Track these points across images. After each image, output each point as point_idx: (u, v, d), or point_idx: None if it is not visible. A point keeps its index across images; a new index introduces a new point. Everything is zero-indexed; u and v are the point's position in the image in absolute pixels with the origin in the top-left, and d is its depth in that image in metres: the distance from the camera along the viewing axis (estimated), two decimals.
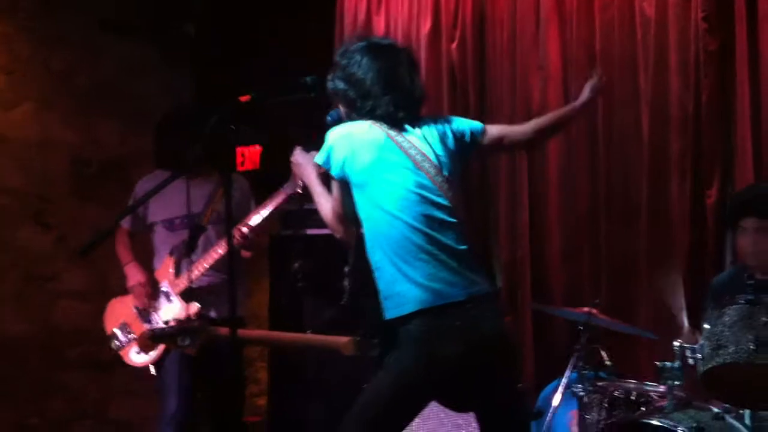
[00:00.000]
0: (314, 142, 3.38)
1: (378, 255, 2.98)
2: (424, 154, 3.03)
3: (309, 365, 4.35)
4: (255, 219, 4.08)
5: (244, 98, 3.32)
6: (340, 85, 3.14)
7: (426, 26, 5.21)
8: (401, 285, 2.91)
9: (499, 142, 3.31)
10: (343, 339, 3.41)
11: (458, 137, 3.17)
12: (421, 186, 2.99)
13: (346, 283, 3.11)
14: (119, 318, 4.34)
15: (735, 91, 4.40)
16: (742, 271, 3.85)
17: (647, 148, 4.63)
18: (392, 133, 3.04)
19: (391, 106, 3.06)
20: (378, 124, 3.05)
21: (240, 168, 5.48)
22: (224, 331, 3.43)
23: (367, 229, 3.01)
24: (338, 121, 3.22)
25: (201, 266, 4.13)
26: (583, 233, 4.82)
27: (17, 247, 5.52)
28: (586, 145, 4.83)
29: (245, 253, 4.20)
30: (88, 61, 5.78)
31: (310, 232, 4.27)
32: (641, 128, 4.66)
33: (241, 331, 3.49)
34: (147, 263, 4.40)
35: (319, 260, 3.80)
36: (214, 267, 4.13)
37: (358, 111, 3.10)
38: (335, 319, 3.55)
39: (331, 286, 4.07)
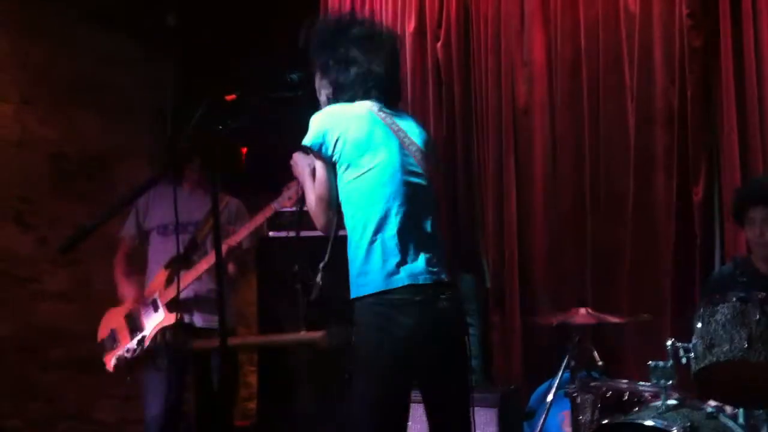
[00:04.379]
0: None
1: (358, 232, 3.01)
2: (410, 138, 3.09)
3: (299, 368, 4.33)
4: (239, 235, 4.15)
5: (230, 97, 3.28)
6: (328, 66, 3.13)
7: (411, 25, 5.19)
8: (376, 264, 2.95)
9: None
10: (317, 333, 3.42)
11: (432, 142, 3.26)
12: (407, 165, 3.04)
13: (318, 279, 3.14)
14: (110, 327, 4.37)
15: (720, 87, 4.43)
16: (739, 267, 3.86)
17: (633, 144, 4.65)
18: (381, 113, 3.08)
19: (380, 87, 3.10)
20: (367, 103, 3.08)
21: None
22: (205, 344, 3.47)
23: (351, 208, 3.04)
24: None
25: (188, 278, 4.17)
26: (570, 231, 4.82)
27: None
28: (572, 142, 4.83)
29: (231, 268, 4.29)
30: (69, 54, 5.67)
31: (305, 233, 4.25)
32: (627, 124, 4.68)
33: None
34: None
35: (312, 262, 3.77)
36: (200, 278, 4.18)
37: (345, 91, 3.11)
38: (328, 319, 3.54)
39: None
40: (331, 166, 3.06)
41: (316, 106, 3.22)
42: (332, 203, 3.08)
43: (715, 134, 4.46)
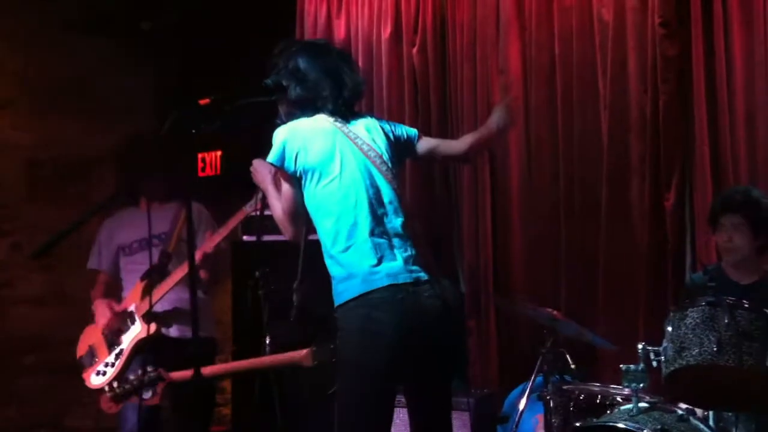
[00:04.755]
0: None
1: (330, 242, 3.06)
2: (368, 144, 3.15)
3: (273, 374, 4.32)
4: (214, 240, 4.16)
5: (203, 101, 3.30)
6: (284, 81, 3.20)
7: (387, 31, 5.21)
8: (354, 269, 3.00)
9: (431, 152, 3.44)
10: (302, 352, 3.45)
11: (397, 136, 3.31)
12: (370, 172, 3.11)
13: (294, 298, 3.18)
14: (89, 343, 4.37)
15: (692, 96, 4.47)
16: (709, 274, 3.91)
17: (606, 152, 4.68)
18: (338, 123, 3.16)
19: (334, 100, 3.18)
20: (323, 116, 3.17)
21: (200, 173, 5.46)
22: (185, 374, 3.55)
23: (320, 218, 3.09)
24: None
25: (161, 290, 4.18)
26: (544, 237, 4.85)
27: None
28: (546, 149, 4.87)
29: (203, 274, 4.26)
30: (45, 60, 5.66)
31: (270, 238, 4.26)
32: (600, 132, 4.71)
33: (202, 370, 3.52)
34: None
35: (280, 266, 3.79)
36: (177, 289, 4.19)
37: (302, 106, 3.19)
38: (296, 328, 3.55)
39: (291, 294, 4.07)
40: (295, 180, 3.13)
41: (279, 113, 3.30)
42: (298, 216, 3.15)
43: (687, 141, 4.51)
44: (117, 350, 4.20)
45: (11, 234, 5.56)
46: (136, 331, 4.18)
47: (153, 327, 4.14)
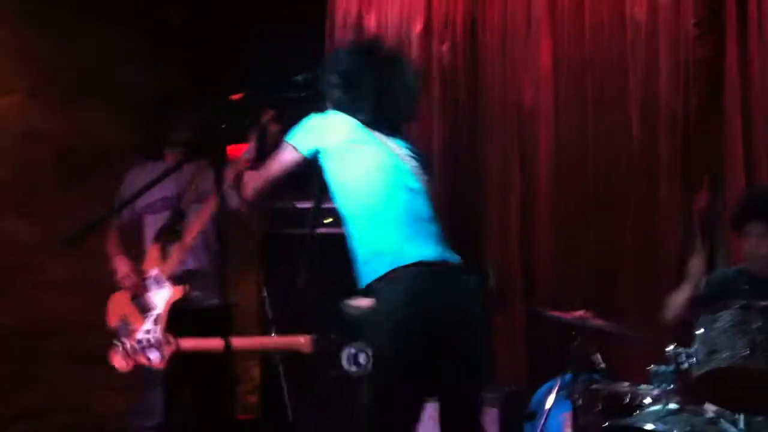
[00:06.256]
0: None
1: (356, 222, 3.06)
2: (395, 143, 3.15)
3: (302, 362, 4.34)
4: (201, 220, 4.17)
5: (236, 96, 3.32)
6: (333, 80, 3.20)
7: (418, 27, 5.21)
8: (381, 246, 2.99)
9: None
10: (302, 338, 3.48)
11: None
12: (396, 161, 3.10)
13: (298, 285, 3.19)
14: (120, 312, 4.35)
15: (725, 96, 4.46)
16: (742, 275, 3.90)
17: (637, 151, 4.68)
18: (367, 126, 3.14)
19: (375, 111, 3.15)
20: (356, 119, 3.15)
21: None
22: (194, 344, 3.52)
23: (344, 200, 3.09)
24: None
25: (181, 248, 4.18)
26: (573, 235, 4.85)
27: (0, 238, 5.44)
28: (576, 147, 4.86)
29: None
30: (77, 48, 5.69)
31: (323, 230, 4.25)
32: (631, 131, 4.71)
33: (206, 341, 3.56)
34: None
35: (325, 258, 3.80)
36: (196, 251, 4.19)
37: (342, 109, 3.17)
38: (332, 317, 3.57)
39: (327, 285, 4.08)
40: (303, 161, 3.12)
41: (321, 107, 3.27)
42: (270, 189, 3.17)
43: (719, 143, 4.50)
44: (153, 316, 4.18)
45: (41, 220, 5.58)
46: (167, 294, 4.17)
47: (183, 288, 4.14)
